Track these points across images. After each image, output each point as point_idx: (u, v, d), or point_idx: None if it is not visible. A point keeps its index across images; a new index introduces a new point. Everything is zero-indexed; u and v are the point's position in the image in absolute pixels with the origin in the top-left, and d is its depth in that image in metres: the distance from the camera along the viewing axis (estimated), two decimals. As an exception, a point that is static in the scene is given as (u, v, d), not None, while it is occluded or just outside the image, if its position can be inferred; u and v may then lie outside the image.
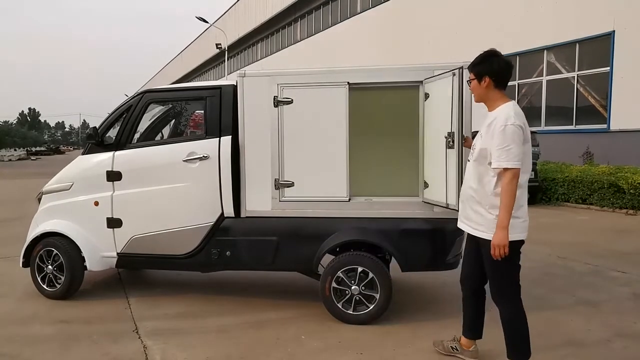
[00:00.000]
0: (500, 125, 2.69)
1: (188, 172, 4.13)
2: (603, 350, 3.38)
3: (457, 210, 3.18)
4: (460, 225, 3.10)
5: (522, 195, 2.84)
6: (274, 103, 3.91)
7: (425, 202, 3.87)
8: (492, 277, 2.90)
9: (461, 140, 3.39)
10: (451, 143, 3.41)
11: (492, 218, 2.77)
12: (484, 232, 2.82)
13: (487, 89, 2.85)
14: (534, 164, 11.38)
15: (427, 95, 3.82)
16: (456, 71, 3.38)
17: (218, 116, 4.08)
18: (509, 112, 2.74)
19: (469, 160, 2.99)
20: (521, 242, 2.86)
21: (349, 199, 3.98)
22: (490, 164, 2.74)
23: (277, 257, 4.03)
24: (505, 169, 2.67)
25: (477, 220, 2.87)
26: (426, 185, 3.86)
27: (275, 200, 3.99)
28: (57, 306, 4.26)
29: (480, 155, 2.81)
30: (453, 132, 3.41)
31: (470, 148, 3.08)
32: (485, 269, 2.94)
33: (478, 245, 2.94)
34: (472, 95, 3.04)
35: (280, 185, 3.97)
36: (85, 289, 4.60)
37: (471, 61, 3.01)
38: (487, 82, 2.83)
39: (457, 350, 3.25)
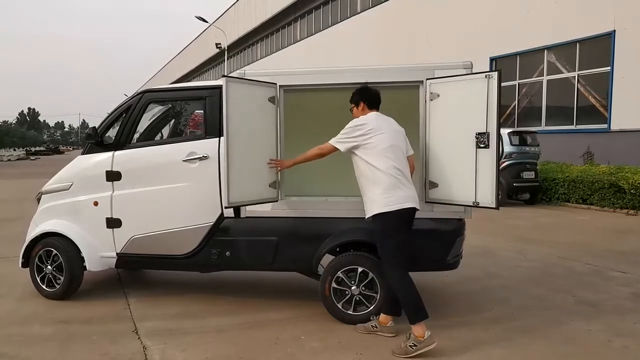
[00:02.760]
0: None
1: (188, 172, 4.12)
2: (603, 350, 3.38)
3: (490, 208, 3.52)
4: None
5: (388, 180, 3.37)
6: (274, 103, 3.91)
7: (431, 202, 3.84)
8: (380, 250, 3.48)
9: (497, 140, 3.49)
10: (486, 143, 3.48)
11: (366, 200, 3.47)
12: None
13: (363, 110, 3.64)
14: (534, 164, 11.38)
15: (435, 95, 3.78)
16: (493, 74, 3.47)
17: (218, 116, 4.07)
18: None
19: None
20: (385, 214, 3.33)
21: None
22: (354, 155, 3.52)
23: (277, 257, 4.03)
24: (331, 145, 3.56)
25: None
26: (433, 185, 3.82)
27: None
28: (57, 306, 4.26)
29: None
30: (488, 133, 3.45)
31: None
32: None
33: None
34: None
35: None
36: (84, 289, 4.59)
37: (468, 63, 3.64)
38: (362, 106, 3.65)
39: (376, 327, 3.58)
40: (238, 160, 3.67)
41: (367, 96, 3.64)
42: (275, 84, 3.90)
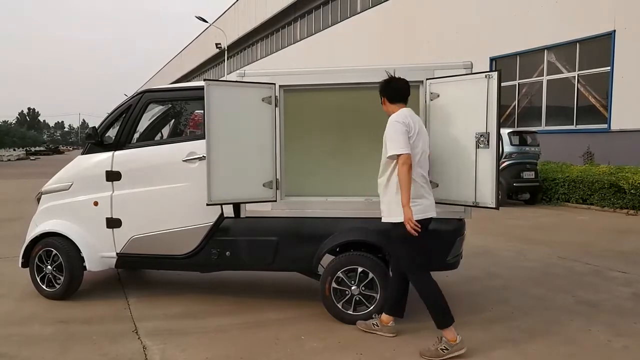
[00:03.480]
0: (387, 123, 3.37)
1: (188, 172, 4.13)
2: (603, 350, 3.38)
3: (490, 208, 3.53)
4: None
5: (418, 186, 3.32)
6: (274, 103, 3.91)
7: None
8: (401, 256, 3.41)
9: (497, 140, 3.49)
10: (486, 143, 3.48)
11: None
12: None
13: (386, 105, 3.53)
14: (534, 164, 11.38)
15: (435, 95, 3.79)
16: (493, 74, 3.47)
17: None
18: (395, 114, 3.41)
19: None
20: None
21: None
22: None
23: (277, 257, 4.03)
24: (398, 155, 3.23)
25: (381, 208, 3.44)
26: (433, 185, 3.82)
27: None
28: (56, 306, 4.26)
29: (384, 153, 3.39)
30: (488, 133, 3.45)
31: None
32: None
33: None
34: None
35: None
36: (84, 289, 4.59)
37: (468, 63, 3.69)
38: (384, 100, 3.54)
39: (377, 326, 3.58)
40: (220, 161, 3.75)
41: (387, 90, 3.50)
42: (273, 84, 3.91)
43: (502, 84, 4.15)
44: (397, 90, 3.49)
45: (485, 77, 3.49)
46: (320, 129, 4.69)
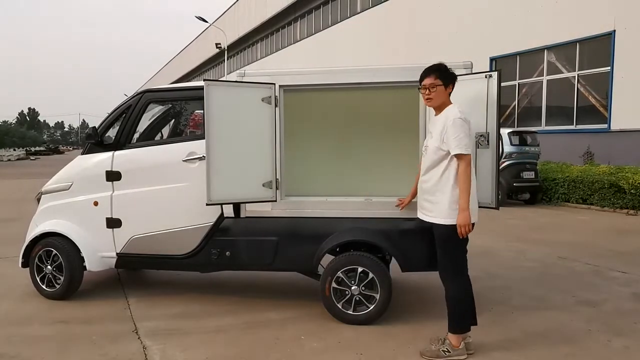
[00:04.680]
0: (450, 119, 3.09)
1: (188, 172, 4.13)
2: (603, 350, 3.37)
3: (490, 208, 3.54)
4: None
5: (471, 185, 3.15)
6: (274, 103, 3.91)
7: None
8: (445, 259, 3.26)
9: (497, 140, 3.49)
10: (486, 143, 3.50)
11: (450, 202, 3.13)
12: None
13: (448, 94, 3.23)
14: (534, 164, 11.38)
15: None
16: (493, 74, 3.47)
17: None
18: (455, 109, 3.16)
19: (423, 157, 3.31)
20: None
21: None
22: (447, 154, 3.10)
23: (277, 258, 4.02)
24: (462, 155, 3.03)
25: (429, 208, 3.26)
26: None
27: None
28: (56, 306, 4.26)
29: (436, 150, 3.15)
30: (488, 133, 3.47)
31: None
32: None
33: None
34: (428, 99, 3.22)
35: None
36: (84, 289, 4.59)
37: (468, 63, 3.61)
38: (451, 89, 3.23)
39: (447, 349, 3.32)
40: (220, 161, 3.75)
41: (452, 77, 3.23)
42: (272, 84, 3.91)
43: (502, 84, 4.16)
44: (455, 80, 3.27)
45: (485, 77, 3.49)
46: (320, 129, 4.70)
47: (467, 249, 3.25)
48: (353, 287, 3.79)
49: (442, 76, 3.18)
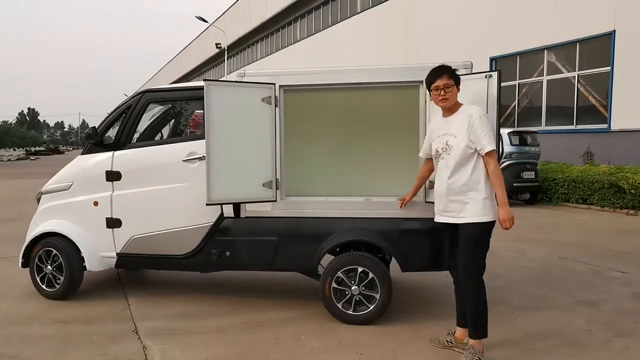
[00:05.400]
0: (475, 117, 3.09)
1: (188, 172, 4.12)
2: (603, 350, 3.37)
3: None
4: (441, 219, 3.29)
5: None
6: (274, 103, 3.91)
7: (431, 202, 3.83)
8: (471, 259, 3.14)
9: (497, 140, 3.44)
10: None
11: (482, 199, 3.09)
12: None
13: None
14: (534, 164, 11.37)
15: None
16: (493, 74, 3.47)
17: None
18: (473, 106, 3.18)
19: (442, 159, 3.21)
20: (493, 223, 3.11)
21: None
22: (474, 152, 3.08)
23: (277, 258, 4.02)
24: (493, 152, 3.05)
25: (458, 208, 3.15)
26: (433, 185, 3.82)
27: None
28: (56, 306, 4.26)
29: (464, 149, 3.09)
30: None
31: None
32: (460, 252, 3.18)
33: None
34: (443, 99, 3.20)
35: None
36: (84, 289, 4.59)
37: (468, 63, 3.60)
38: (458, 90, 3.23)
39: (451, 343, 3.33)
40: (220, 161, 3.74)
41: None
42: (272, 84, 3.90)
43: (502, 84, 4.16)
44: None
45: (485, 77, 3.49)
46: (320, 129, 4.70)
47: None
48: (353, 287, 3.79)
49: (454, 76, 3.18)
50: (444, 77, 3.14)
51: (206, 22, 34.43)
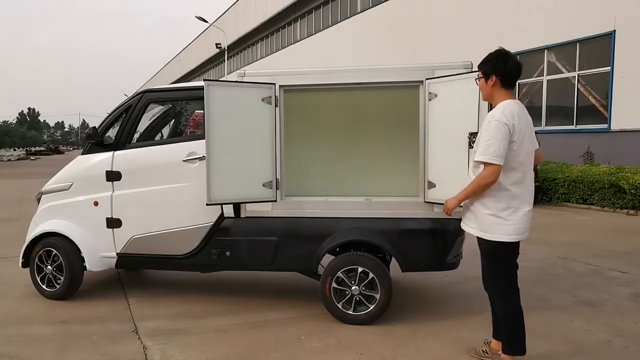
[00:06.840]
0: (487, 121, 2.81)
1: (188, 172, 4.13)
2: (603, 350, 3.38)
3: None
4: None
5: (514, 198, 2.93)
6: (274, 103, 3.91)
7: (430, 202, 3.84)
8: (488, 274, 3.02)
9: None
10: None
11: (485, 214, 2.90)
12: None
13: (494, 87, 2.92)
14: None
15: (433, 95, 3.78)
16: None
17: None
18: (499, 109, 2.84)
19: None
20: (510, 243, 2.92)
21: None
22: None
23: (277, 258, 4.03)
24: (485, 164, 2.76)
25: (470, 218, 3.02)
26: (431, 185, 3.83)
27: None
28: (57, 306, 4.26)
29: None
30: (477, 132, 3.43)
31: None
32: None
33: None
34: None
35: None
36: (84, 289, 4.59)
37: (468, 63, 3.37)
38: (494, 81, 2.90)
39: (487, 354, 3.21)
40: (220, 161, 3.75)
41: (504, 68, 2.84)
42: (272, 84, 3.91)
43: (502, 84, 4.13)
44: (514, 70, 2.88)
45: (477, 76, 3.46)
46: (321, 129, 4.70)
47: (517, 263, 3.00)
48: (353, 287, 3.79)
49: (480, 67, 2.96)
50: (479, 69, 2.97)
51: (206, 22, 34.42)
